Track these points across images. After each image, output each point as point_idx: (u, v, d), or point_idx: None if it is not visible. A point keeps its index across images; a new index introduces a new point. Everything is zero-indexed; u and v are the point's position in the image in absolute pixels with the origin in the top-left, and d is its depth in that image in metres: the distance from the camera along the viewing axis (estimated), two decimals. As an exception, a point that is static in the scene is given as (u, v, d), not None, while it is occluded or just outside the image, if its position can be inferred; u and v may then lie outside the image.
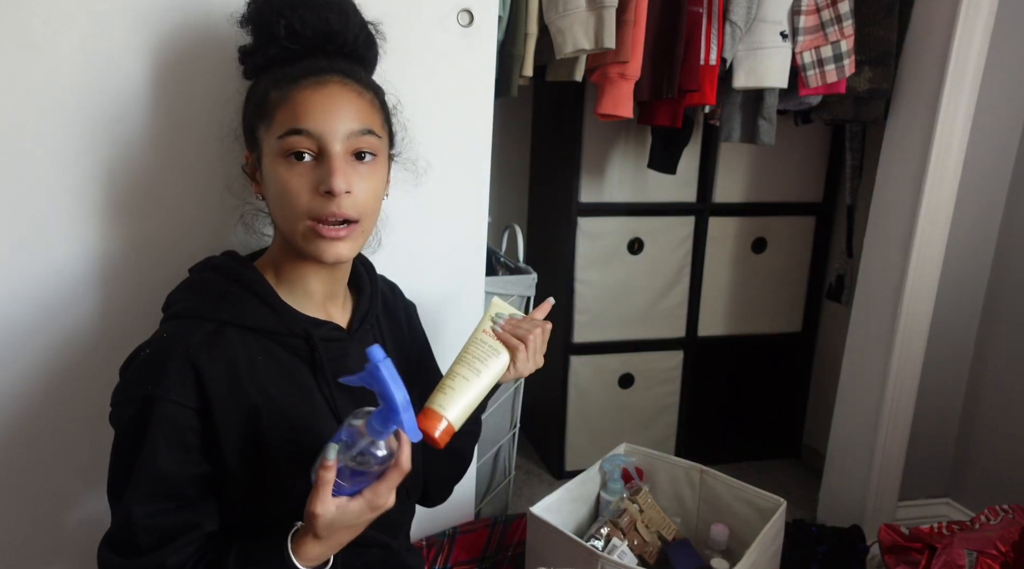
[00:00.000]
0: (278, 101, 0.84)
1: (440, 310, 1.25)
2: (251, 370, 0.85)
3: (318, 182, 0.83)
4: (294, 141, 0.83)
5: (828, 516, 1.95)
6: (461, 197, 1.25)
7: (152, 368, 0.81)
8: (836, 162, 2.15)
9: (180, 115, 1.06)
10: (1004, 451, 1.86)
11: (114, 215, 1.06)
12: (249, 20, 0.90)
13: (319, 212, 0.83)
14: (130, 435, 0.81)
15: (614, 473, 1.40)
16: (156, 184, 1.07)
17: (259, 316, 0.87)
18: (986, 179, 1.81)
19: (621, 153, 2.01)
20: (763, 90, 1.64)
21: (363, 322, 0.97)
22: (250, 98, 0.91)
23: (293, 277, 0.91)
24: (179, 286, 0.92)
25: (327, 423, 0.91)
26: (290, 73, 0.86)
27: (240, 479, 0.85)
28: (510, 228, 1.92)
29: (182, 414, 0.81)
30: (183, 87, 1.05)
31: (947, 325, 1.85)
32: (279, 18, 0.85)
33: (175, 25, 1.03)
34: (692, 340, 2.19)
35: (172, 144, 1.06)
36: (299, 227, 0.84)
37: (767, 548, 1.23)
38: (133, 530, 0.80)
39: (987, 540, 1.40)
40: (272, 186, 0.86)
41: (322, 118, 0.83)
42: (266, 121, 0.86)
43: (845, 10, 1.58)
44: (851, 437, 1.89)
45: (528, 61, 1.47)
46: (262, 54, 0.89)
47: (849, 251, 2.08)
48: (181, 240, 1.09)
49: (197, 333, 0.83)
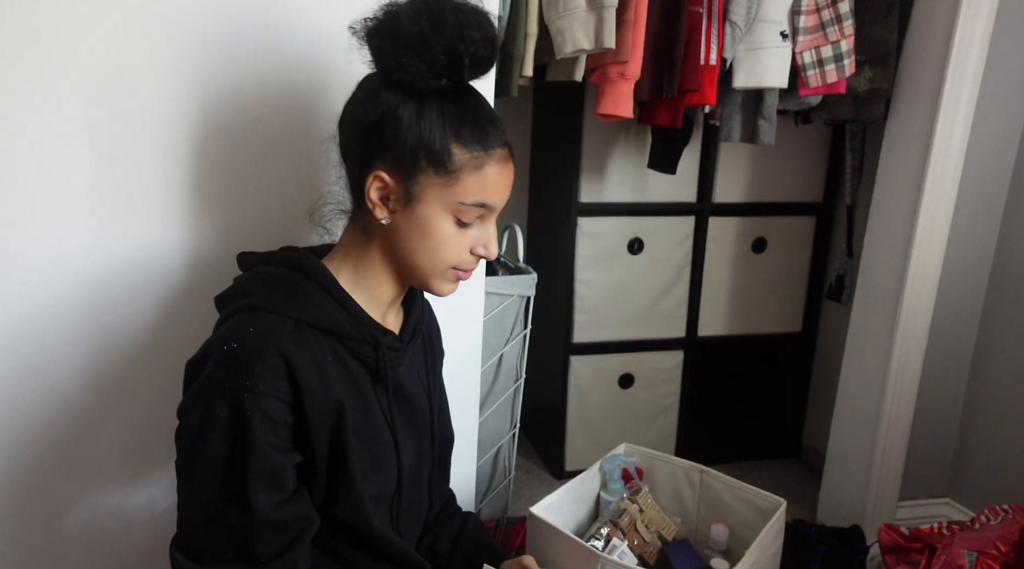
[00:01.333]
0: (468, 165, 0.85)
1: (440, 311, 1.25)
2: (329, 370, 0.86)
3: (475, 244, 0.90)
4: (473, 212, 0.87)
5: (828, 516, 1.95)
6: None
7: (245, 362, 0.80)
8: (836, 162, 2.15)
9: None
10: (1004, 451, 1.86)
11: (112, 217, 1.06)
12: (417, 34, 0.80)
13: (466, 265, 0.91)
14: (232, 434, 0.79)
15: (614, 473, 1.40)
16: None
17: (336, 317, 0.87)
18: (986, 179, 1.80)
19: (621, 153, 2.01)
20: (763, 90, 1.64)
21: (415, 334, 0.99)
22: (413, 130, 0.83)
23: (369, 283, 0.92)
24: (247, 277, 0.91)
25: (383, 432, 0.92)
26: (480, 136, 0.85)
27: (322, 475, 0.86)
28: (510, 228, 1.92)
29: (279, 408, 0.81)
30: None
31: (947, 325, 1.85)
32: (464, 57, 0.81)
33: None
34: (692, 340, 2.19)
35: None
36: (439, 271, 0.90)
37: (767, 548, 1.23)
38: (254, 530, 0.79)
39: (987, 540, 1.40)
40: (427, 233, 0.87)
41: (502, 194, 0.89)
42: (445, 176, 0.85)
43: (845, 10, 1.58)
44: (851, 437, 1.89)
45: (528, 61, 1.47)
46: (431, 83, 0.82)
47: (849, 251, 2.08)
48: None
49: (283, 328, 0.83)
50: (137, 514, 1.15)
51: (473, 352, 1.35)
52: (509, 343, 1.74)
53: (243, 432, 0.79)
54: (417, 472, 0.99)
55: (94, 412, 1.10)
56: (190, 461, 0.82)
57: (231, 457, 0.80)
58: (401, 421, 0.94)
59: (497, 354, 1.72)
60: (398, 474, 0.94)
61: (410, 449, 0.96)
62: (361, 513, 0.89)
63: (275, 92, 1.08)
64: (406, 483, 0.95)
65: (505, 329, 1.73)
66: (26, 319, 1.04)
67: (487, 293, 1.39)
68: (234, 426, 0.79)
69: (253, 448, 0.79)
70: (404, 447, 0.94)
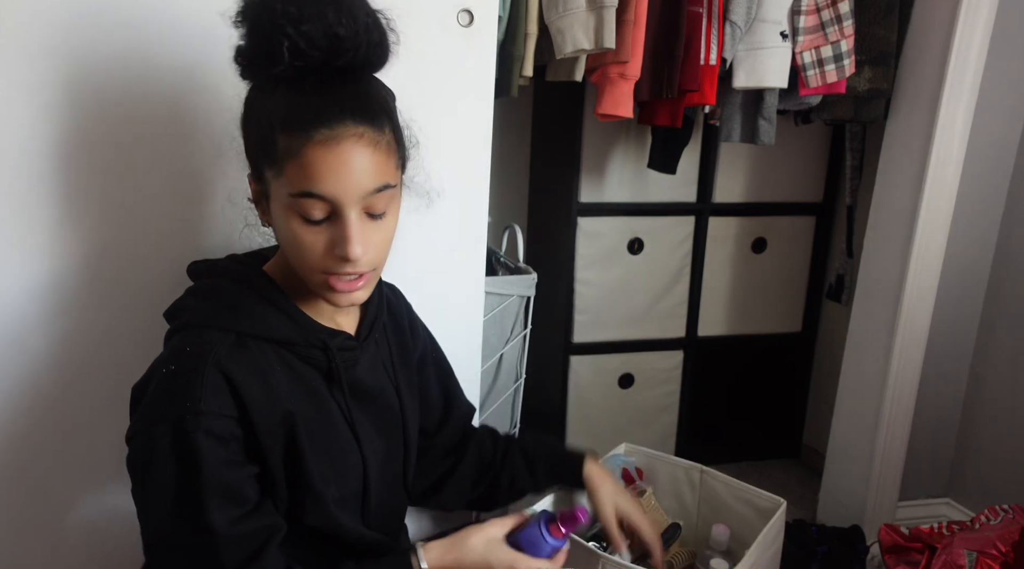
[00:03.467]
0: (287, 152, 0.76)
1: (440, 310, 1.25)
2: (276, 380, 0.84)
3: (333, 244, 0.79)
4: (306, 205, 0.77)
5: (828, 516, 1.95)
6: (461, 197, 1.25)
7: (183, 383, 0.79)
8: (836, 162, 2.15)
9: (181, 120, 1.06)
10: (1004, 451, 1.86)
11: (112, 217, 1.06)
12: (245, 28, 0.79)
13: (333, 269, 0.80)
14: (177, 456, 0.78)
15: (615, 473, 1.39)
16: (150, 185, 1.07)
17: (278, 326, 0.85)
18: (986, 179, 1.80)
19: (621, 153, 2.01)
20: (763, 90, 1.64)
21: (372, 329, 0.96)
22: (252, 123, 0.82)
23: (304, 286, 0.87)
24: (188, 292, 0.90)
25: (344, 433, 0.91)
26: (296, 118, 0.76)
27: (281, 486, 0.86)
28: (510, 228, 1.92)
29: (225, 424, 0.79)
30: (182, 91, 1.05)
31: (947, 325, 1.85)
32: (281, 37, 0.74)
33: (166, 24, 1.03)
34: (692, 340, 2.19)
35: (172, 146, 1.06)
36: (313, 278, 0.82)
37: (767, 548, 1.23)
38: (217, 547, 0.78)
39: (987, 540, 1.40)
40: (283, 233, 0.81)
41: (335, 181, 0.76)
42: (274, 168, 0.78)
43: (845, 10, 1.58)
44: (851, 437, 1.88)
45: (528, 61, 1.47)
46: (264, 71, 0.78)
47: (849, 251, 2.08)
48: (178, 241, 1.09)
49: (220, 344, 0.81)
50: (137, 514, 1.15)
51: (473, 352, 1.35)
52: (509, 343, 1.74)
53: (189, 453, 0.78)
54: (386, 468, 0.98)
55: (94, 412, 1.10)
56: (142, 487, 0.81)
57: (181, 479, 0.78)
58: (363, 419, 0.93)
59: (497, 354, 1.72)
60: (364, 472, 0.93)
61: (376, 445, 0.95)
62: (328, 517, 0.88)
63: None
64: (374, 480, 0.94)
65: (505, 329, 1.73)
66: (24, 319, 1.04)
67: (487, 293, 1.39)
68: (178, 448, 0.78)
69: (202, 467, 0.77)
70: (368, 445, 0.93)
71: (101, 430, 1.10)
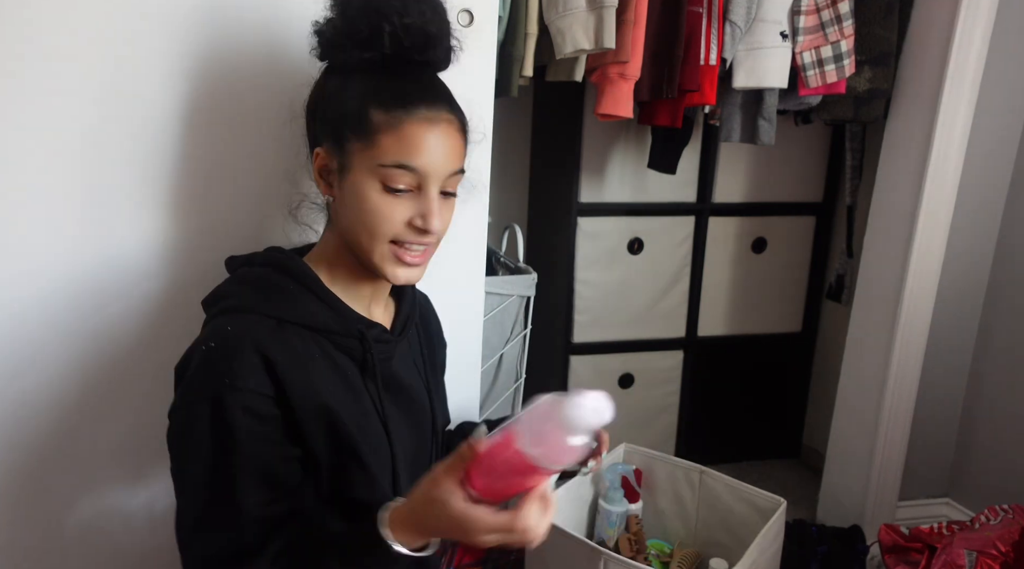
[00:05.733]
0: (385, 126, 0.82)
1: (440, 310, 1.25)
2: (315, 366, 0.85)
3: (413, 215, 0.85)
4: (398, 175, 0.83)
5: (828, 516, 1.95)
6: (461, 197, 1.24)
7: (222, 361, 0.80)
8: (836, 162, 2.15)
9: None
10: (1004, 451, 1.86)
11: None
12: (348, 11, 0.85)
13: (405, 238, 0.86)
14: (214, 432, 0.79)
15: (614, 482, 1.39)
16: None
17: (318, 314, 0.87)
18: (986, 179, 1.81)
19: (621, 153, 2.01)
20: (763, 90, 1.64)
21: (406, 326, 0.98)
22: (335, 98, 0.87)
23: (346, 278, 0.91)
24: (230, 280, 0.91)
25: (375, 425, 0.91)
26: (398, 95, 0.83)
27: (325, 468, 0.86)
28: (510, 228, 1.92)
29: (263, 402, 0.80)
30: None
31: (947, 325, 1.85)
32: (385, 25, 0.82)
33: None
34: (692, 340, 2.19)
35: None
36: (380, 248, 0.86)
37: (767, 548, 1.23)
38: (243, 526, 0.78)
39: (987, 540, 1.40)
40: (359, 203, 0.85)
41: (431, 158, 0.84)
42: (364, 139, 0.83)
43: (845, 10, 1.58)
44: (851, 437, 1.89)
45: (528, 61, 1.47)
46: (355, 55, 0.85)
47: (849, 251, 2.08)
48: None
49: (261, 326, 0.83)
50: (137, 514, 1.15)
51: (473, 352, 1.35)
52: (509, 343, 1.74)
53: (227, 430, 0.79)
54: (415, 463, 0.99)
55: (93, 412, 1.10)
56: (180, 462, 0.82)
57: (217, 456, 0.79)
58: (394, 413, 0.94)
59: (497, 354, 1.72)
60: (392, 467, 0.93)
61: (405, 442, 0.96)
62: (377, 488, 0.88)
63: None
64: (403, 475, 0.95)
65: (505, 329, 1.73)
66: (22, 318, 1.04)
67: (487, 293, 1.39)
68: (217, 424, 0.79)
69: (239, 444, 0.79)
70: (397, 439, 0.94)
71: (101, 430, 1.10)
